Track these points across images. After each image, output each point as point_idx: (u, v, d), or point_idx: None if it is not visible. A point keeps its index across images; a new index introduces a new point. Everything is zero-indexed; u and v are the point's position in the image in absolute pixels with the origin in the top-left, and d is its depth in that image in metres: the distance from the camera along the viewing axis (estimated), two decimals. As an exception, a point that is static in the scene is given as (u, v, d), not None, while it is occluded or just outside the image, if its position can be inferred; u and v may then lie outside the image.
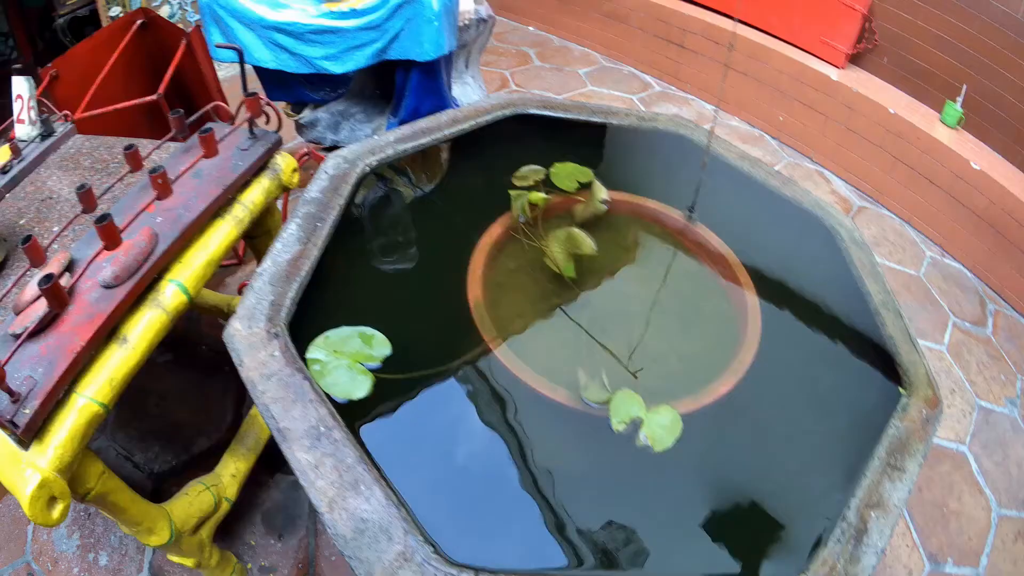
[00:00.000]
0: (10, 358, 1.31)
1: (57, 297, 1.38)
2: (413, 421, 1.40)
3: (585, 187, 1.89)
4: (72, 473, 1.38)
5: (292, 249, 1.50)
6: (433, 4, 2.20)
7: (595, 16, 4.92)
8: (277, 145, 1.78)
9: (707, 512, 1.32)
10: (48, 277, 1.36)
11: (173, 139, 1.81)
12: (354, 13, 2.31)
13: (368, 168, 1.74)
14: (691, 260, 1.83)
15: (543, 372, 1.45)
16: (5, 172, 2.10)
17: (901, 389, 1.47)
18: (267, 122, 1.77)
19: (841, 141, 3.80)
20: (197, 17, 5.26)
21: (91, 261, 1.44)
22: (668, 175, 2.07)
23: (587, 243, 1.72)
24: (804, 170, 3.88)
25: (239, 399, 2.62)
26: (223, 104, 1.83)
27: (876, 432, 1.37)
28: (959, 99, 3.36)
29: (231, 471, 2.06)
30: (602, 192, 1.83)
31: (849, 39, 3.69)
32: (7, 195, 2.05)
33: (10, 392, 1.26)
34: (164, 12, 5.14)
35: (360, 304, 1.59)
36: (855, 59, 3.80)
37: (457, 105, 2.54)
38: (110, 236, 1.43)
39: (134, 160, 1.64)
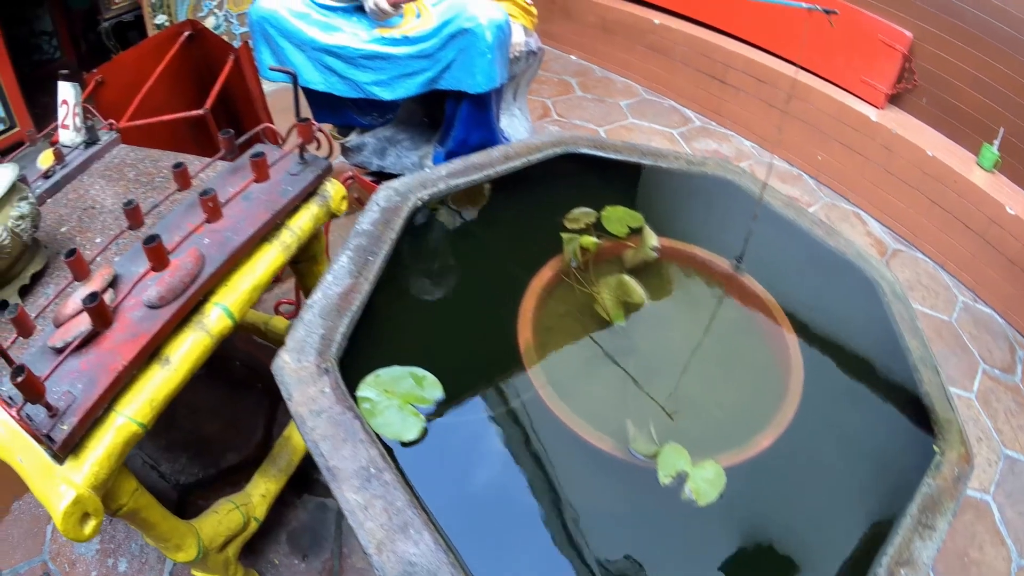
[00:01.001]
0: (51, 374, 1.30)
1: (102, 317, 1.36)
2: (462, 465, 1.38)
3: (636, 232, 1.87)
4: (106, 490, 1.36)
5: (343, 282, 1.48)
6: (487, 36, 2.19)
7: (638, 48, 4.91)
8: (327, 172, 1.76)
9: (744, 565, 1.32)
10: (93, 296, 1.34)
11: (222, 159, 1.80)
12: (406, 40, 2.30)
13: (420, 202, 1.72)
14: (737, 310, 1.82)
15: (590, 418, 1.44)
16: (48, 177, 2.10)
17: (935, 447, 1.46)
18: (317, 147, 1.76)
19: (878, 182, 3.76)
20: (243, 30, 5.29)
21: (137, 282, 1.42)
22: (716, 221, 2.06)
23: (638, 292, 1.71)
24: (841, 211, 3.84)
25: (270, 417, 2.61)
26: (272, 126, 1.80)
27: (909, 488, 1.37)
28: (996, 141, 3.32)
29: (261, 491, 2.04)
30: (653, 239, 1.81)
31: (889, 79, 3.66)
32: (48, 200, 2.05)
33: (48, 406, 1.24)
34: (210, 23, 5.17)
35: (409, 340, 1.58)
36: (894, 99, 3.75)
37: (505, 137, 2.52)
38: (158, 258, 1.41)
39: (183, 179, 1.63)
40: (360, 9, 2.41)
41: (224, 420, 2.57)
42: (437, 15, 2.32)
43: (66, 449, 1.27)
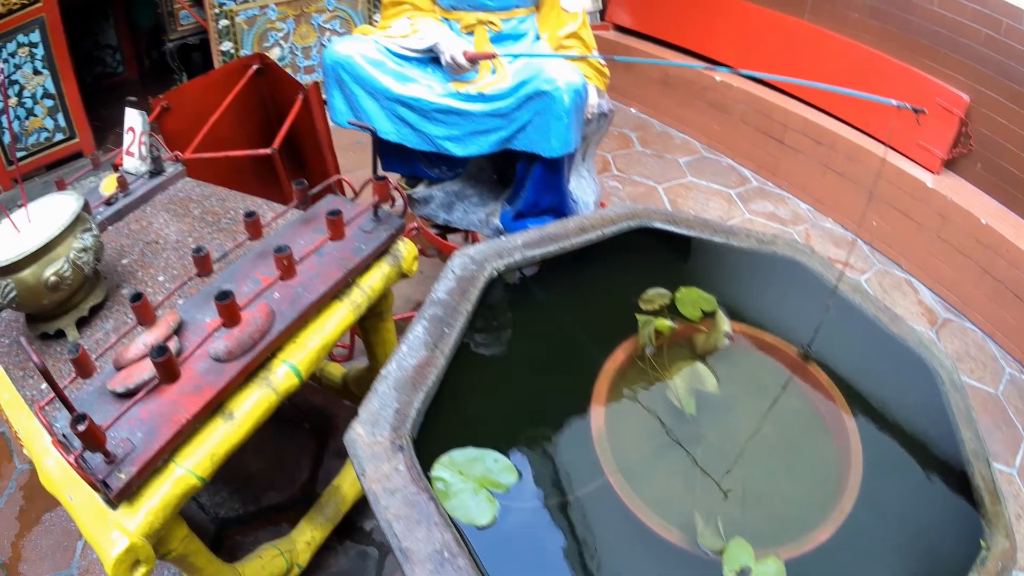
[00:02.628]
0: (112, 423, 1.27)
1: (169, 372, 1.33)
2: (533, 551, 1.36)
3: (708, 315, 1.83)
4: (158, 538, 1.34)
5: (418, 354, 1.45)
6: (564, 100, 2.15)
7: (698, 103, 4.89)
8: (400, 230, 1.73)
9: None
10: (162, 349, 1.31)
11: (289, 196, 1.78)
12: (481, 98, 2.28)
13: (495, 272, 1.69)
14: (802, 399, 1.78)
15: (658, 508, 1.41)
16: (110, 204, 2.09)
17: (982, 541, 1.44)
18: (391, 205, 1.73)
19: (931, 250, 3.67)
20: (307, 63, 5.34)
21: (206, 338, 1.39)
22: (784, 303, 2.02)
23: (711, 381, 1.67)
24: (894, 278, 3.77)
25: (316, 459, 2.59)
26: (346, 179, 1.79)
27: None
28: (1051, 210, 3.22)
29: (307, 538, 2.01)
30: (725, 324, 1.78)
31: (946, 144, 3.58)
32: (109, 227, 2.04)
33: (106, 453, 1.22)
34: (275, 54, 5.22)
35: (482, 418, 1.56)
36: (949, 164, 3.67)
37: (574, 200, 2.49)
38: (230, 314, 1.39)
39: (254, 228, 1.61)
40: (435, 60, 2.40)
41: (269, 458, 2.55)
42: (512, 73, 2.30)
43: (122, 497, 1.24)
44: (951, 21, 3.51)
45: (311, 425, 2.69)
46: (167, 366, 1.31)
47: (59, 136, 5.13)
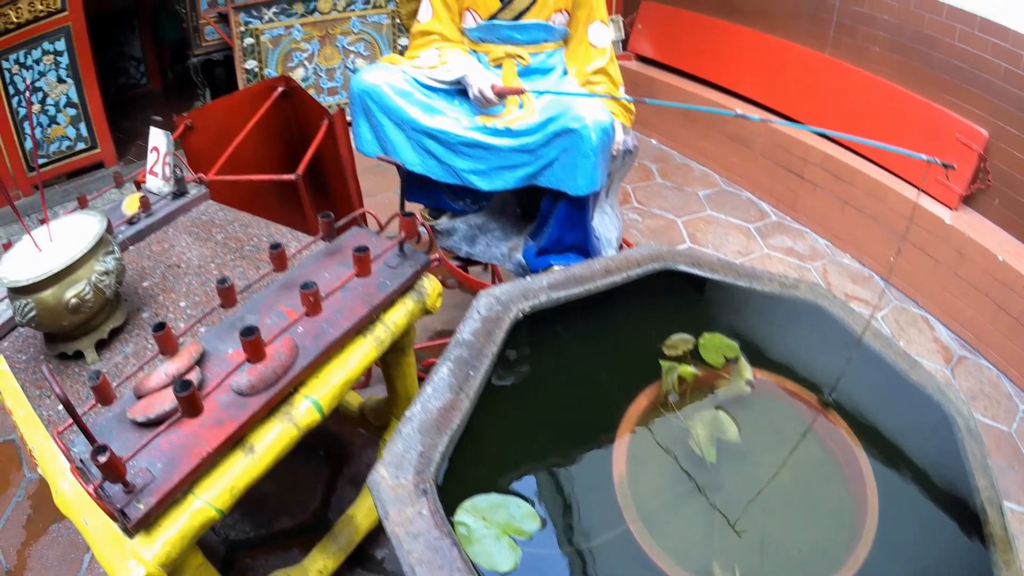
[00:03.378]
0: (134, 455, 1.26)
1: (192, 407, 1.32)
2: None
3: (731, 361, 1.82)
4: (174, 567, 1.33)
5: (443, 397, 1.44)
6: (592, 138, 2.14)
7: (718, 136, 4.90)
8: (425, 267, 1.73)
9: None
10: (185, 384, 1.30)
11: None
12: (508, 132, 2.27)
13: (521, 313, 1.68)
14: (820, 447, 1.77)
15: (678, 556, 1.41)
16: (132, 223, 2.09)
17: None
18: (417, 241, 1.73)
19: (948, 287, 3.64)
20: (331, 84, 5.36)
21: (230, 373, 1.38)
22: (805, 349, 2.01)
23: (733, 430, 1.66)
24: (910, 315, 3.74)
25: (329, 486, 2.58)
26: (372, 213, 1.78)
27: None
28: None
29: (319, 567, 1.99)
30: (747, 372, 1.77)
31: (964, 179, 3.56)
32: (131, 247, 2.04)
33: (125, 483, 1.21)
34: (298, 75, 5.25)
35: (505, 462, 1.55)
36: (967, 200, 3.65)
37: (597, 237, 2.48)
38: (255, 350, 1.38)
39: (279, 260, 1.60)
40: (463, 92, 2.40)
41: (282, 482, 2.54)
42: (540, 108, 2.30)
43: (140, 527, 1.24)
44: (971, 56, 3.52)
45: (325, 451, 2.68)
46: (190, 401, 1.31)
47: (80, 145, 5.15)
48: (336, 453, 2.69)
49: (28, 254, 1.58)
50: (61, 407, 1.53)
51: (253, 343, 1.36)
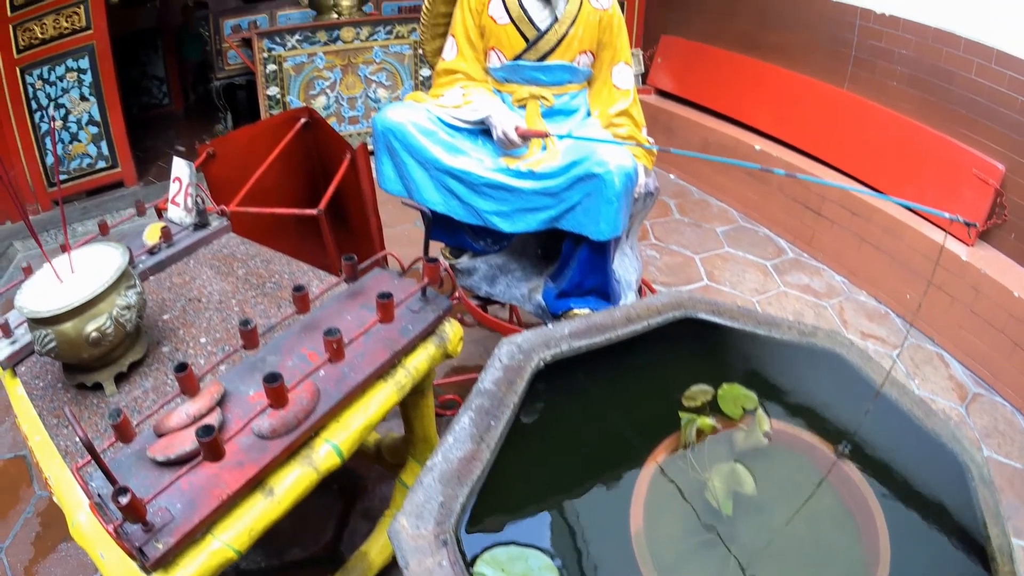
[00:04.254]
0: (154, 497, 1.26)
1: (214, 451, 1.33)
2: None
3: (749, 412, 1.82)
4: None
5: (464, 447, 1.44)
6: (616, 183, 2.14)
7: (736, 172, 4.92)
8: (447, 311, 1.73)
9: None
10: (208, 430, 1.31)
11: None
12: (531, 175, 2.27)
13: (542, 363, 1.68)
14: (834, 497, 1.76)
15: None
16: (153, 253, 2.10)
17: None
18: (440, 286, 1.73)
19: (964, 324, 3.62)
20: (352, 113, 5.40)
21: (252, 419, 1.39)
22: (823, 398, 2.00)
23: (750, 483, 1.66)
24: (925, 353, 3.72)
25: (341, 520, 2.57)
26: (395, 255, 1.79)
27: None
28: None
29: (331, 603, 1.98)
30: (765, 423, 1.77)
31: (981, 215, 3.54)
32: (151, 277, 2.04)
33: (145, 523, 1.21)
34: (320, 103, 5.28)
35: (523, 511, 1.55)
36: (984, 235, 3.63)
37: (617, 280, 2.48)
38: (278, 397, 1.38)
39: (302, 304, 1.60)
40: (486, 132, 2.40)
41: (294, 514, 2.49)
42: (563, 151, 2.30)
43: (157, 566, 1.23)
44: (987, 89, 3.53)
45: (339, 485, 2.68)
46: (212, 447, 1.31)
47: (101, 164, 5.20)
48: (350, 487, 2.68)
49: (49, 283, 1.59)
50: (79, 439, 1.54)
51: (276, 390, 1.37)
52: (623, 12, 5.80)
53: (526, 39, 2.38)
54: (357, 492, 2.66)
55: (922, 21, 3.87)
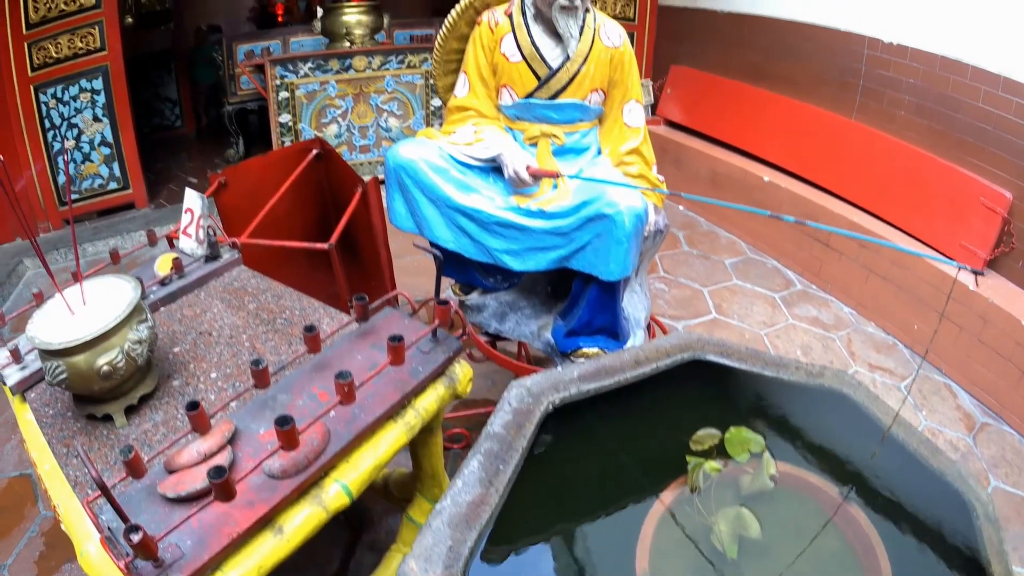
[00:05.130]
0: (166, 535, 1.26)
1: (226, 492, 1.34)
2: None
3: (756, 455, 1.83)
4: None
5: (473, 491, 1.44)
6: (626, 224, 2.15)
7: (744, 203, 4.88)
8: (458, 352, 1.74)
9: None
10: (220, 471, 1.32)
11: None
12: (542, 214, 2.28)
13: (551, 406, 1.69)
14: (839, 539, 1.76)
15: None
16: (164, 284, 2.11)
17: None
18: (450, 328, 1.74)
19: (971, 353, 3.61)
20: (363, 142, 5.43)
21: (263, 460, 1.40)
22: (829, 439, 2.01)
23: (755, 527, 1.66)
24: (933, 383, 3.70)
25: (348, 552, 2.57)
26: (406, 295, 1.80)
27: None
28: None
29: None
30: (771, 467, 1.77)
31: (988, 244, 3.56)
32: (162, 308, 2.05)
33: (156, 560, 1.22)
34: (331, 131, 5.32)
35: (529, 552, 1.56)
36: (991, 263, 3.63)
37: (625, 317, 2.49)
38: (290, 440, 1.39)
39: (313, 344, 1.61)
40: (498, 170, 2.42)
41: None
42: (574, 191, 2.31)
43: (166, 603, 1.24)
44: (994, 117, 3.55)
45: (345, 516, 2.67)
46: (224, 487, 1.32)
47: (113, 185, 5.25)
48: (356, 518, 2.68)
49: (61, 314, 1.60)
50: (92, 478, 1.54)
51: (288, 433, 1.38)
52: (633, 43, 5.88)
53: (538, 77, 2.41)
54: (364, 524, 2.65)
55: (929, 50, 3.91)
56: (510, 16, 2.43)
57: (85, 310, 1.62)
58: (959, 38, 3.73)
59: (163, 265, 2.16)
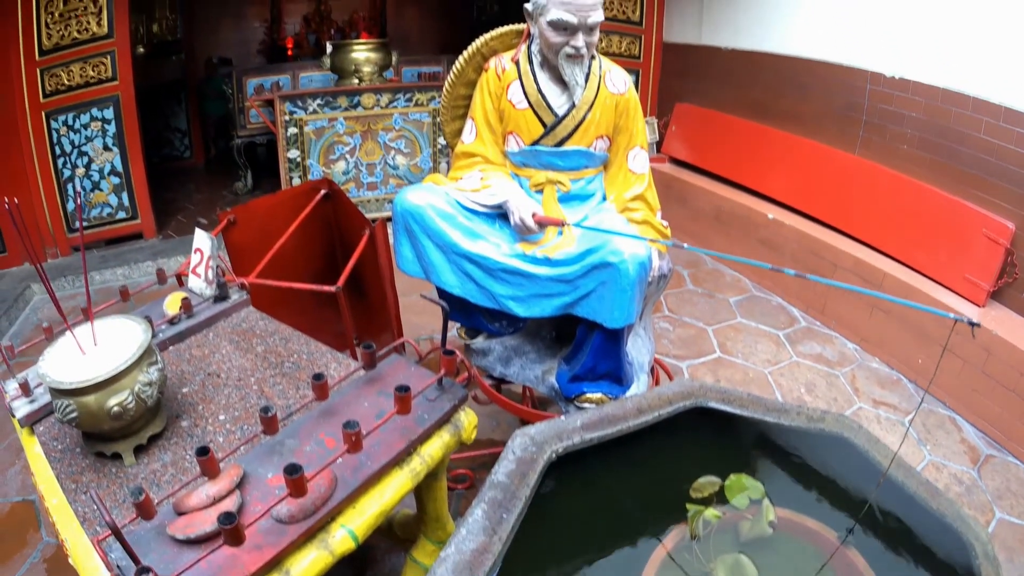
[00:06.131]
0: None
1: (235, 537, 1.36)
2: None
3: (755, 502, 1.84)
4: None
5: (477, 539, 1.46)
6: (630, 272, 2.17)
7: (749, 240, 4.96)
8: (463, 401, 1.77)
9: None
10: (230, 517, 1.34)
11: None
12: (547, 262, 2.31)
13: (555, 455, 1.71)
14: None
15: None
16: (173, 324, 2.13)
17: None
18: (457, 374, 1.77)
19: (975, 386, 3.59)
20: (371, 179, 5.48)
21: (272, 506, 1.42)
22: (828, 483, 2.02)
23: (753, 574, 1.67)
24: (937, 417, 3.69)
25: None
26: (412, 342, 1.83)
27: None
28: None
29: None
30: (771, 513, 1.78)
31: (991, 275, 3.57)
32: (171, 347, 2.08)
33: None
34: (339, 167, 5.36)
35: None
36: (995, 294, 3.65)
37: (629, 362, 2.51)
38: (298, 487, 1.42)
39: (321, 391, 1.64)
40: (504, 216, 2.45)
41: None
42: (579, 238, 2.34)
43: (174, 641, 1.26)
44: (997, 148, 3.58)
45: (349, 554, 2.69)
46: (234, 533, 1.34)
47: (121, 214, 5.29)
48: (359, 556, 2.69)
49: (71, 355, 1.64)
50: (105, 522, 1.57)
51: (297, 481, 1.40)
52: (638, 80, 5.95)
53: (544, 124, 2.44)
54: (367, 562, 2.66)
55: (931, 82, 3.95)
56: (517, 63, 2.47)
57: (96, 350, 1.66)
58: (960, 70, 3.77)
59: (172, 304, 2.19)
